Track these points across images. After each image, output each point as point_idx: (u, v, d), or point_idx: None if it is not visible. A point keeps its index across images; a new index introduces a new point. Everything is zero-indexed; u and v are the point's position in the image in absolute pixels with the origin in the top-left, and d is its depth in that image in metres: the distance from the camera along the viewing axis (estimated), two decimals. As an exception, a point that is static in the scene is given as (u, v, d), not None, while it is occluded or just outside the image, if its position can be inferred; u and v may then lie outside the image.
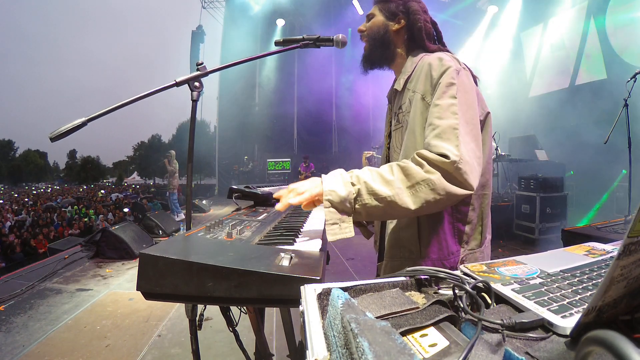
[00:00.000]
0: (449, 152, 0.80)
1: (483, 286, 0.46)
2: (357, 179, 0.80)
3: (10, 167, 53.08)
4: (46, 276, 3.77)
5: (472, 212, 0.99)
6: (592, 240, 0.73)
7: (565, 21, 7.44)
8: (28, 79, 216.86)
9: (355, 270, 3.88)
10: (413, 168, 0.81)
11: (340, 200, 0.77)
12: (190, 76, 0.91)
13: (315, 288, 0.44)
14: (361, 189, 0.79)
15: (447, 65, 0.92)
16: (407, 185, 0.79)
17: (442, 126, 0.85)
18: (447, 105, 0.87)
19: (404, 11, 1.08)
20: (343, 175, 0.81)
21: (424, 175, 0.79)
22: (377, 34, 1.11)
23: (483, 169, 0.96)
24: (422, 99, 0.94)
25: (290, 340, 1.42)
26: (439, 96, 0.89)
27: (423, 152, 0.83)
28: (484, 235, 1.02)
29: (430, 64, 0.95)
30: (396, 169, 0.82)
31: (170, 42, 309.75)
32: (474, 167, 0.82)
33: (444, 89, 0.89)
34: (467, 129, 0.86)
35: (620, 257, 0.30)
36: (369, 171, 0.82)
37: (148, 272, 0.56)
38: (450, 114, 0.86)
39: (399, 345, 0.28)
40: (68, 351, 2.30)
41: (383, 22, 1.11)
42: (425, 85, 0.94)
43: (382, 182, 0.80)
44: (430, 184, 0.78)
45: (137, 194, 19.38)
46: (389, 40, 1.10)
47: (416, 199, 0.78)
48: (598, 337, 0.20)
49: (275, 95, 13.72)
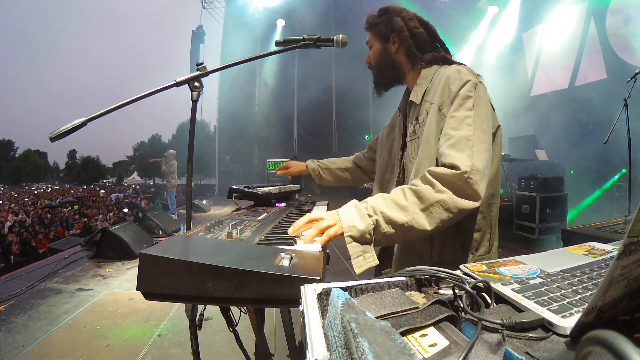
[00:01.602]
0: (460, 163, 0.82)
1: (483, 286, 0.46)
2: (374, 210, 0.80)
3: (10, 167, 53.06)
4: (46, 276, 3.77)
5: (482, 220, 1.01)
6: (592, 240, 0.73)
7: (565, 21, 7.43)
8: (28, 79, 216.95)
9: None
10: (424, 190, 0.82)
11: (361, 234, 0.78)
12: (190, 76, 0.91)
13: (315, 288, 0.44)
14: (379, 220, 0.80)
15: (465, 79, 0.94)
16: (421, 208, 0.81)
17: (456, 137, 0.87)
18: (463, 117, 0.90)
19: (392, 30, 1.10)
20: (359, 208, 0.81)
21: (436, 197, 0.81)
22: (380, 60, 1.14)
23: (492, 179, 1.00)
24: (439, 110, 0.97)
25: (290, 340, 1.42)
26: (456, 108, 0.92)
27: (433, 168, 0.85)
28: (492, 242, 1.05)
29: (449, 76, 0.97)
30: (409, 193, 0.83)
31: (170, 42, 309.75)
32: (484, 176, 0.84)
33: (461, 101, 0.92)
34: (482, 138, 0.88)
35: (620, 257, 0.30)
36: (382, 199, 0.83)
37: (148, 272, 0.56)
38: (465, 125, 0.88)
39: (399, 345, 0.28)
40: (68, 351, 2.30)
41: (381, 47, 1.13)
42: (442, 96, 0.97)
43: (397, 208, 0.81)
44: (443, 205, 0.81)
45: (137, 194, 19.38)
46: (393, 62, 1.13)
47: (431, 220, 0.81)
48: (598, 337, 0.20)
49: (275, 95, 13.73)
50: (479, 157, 0.84)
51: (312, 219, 0.80)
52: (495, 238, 1.06)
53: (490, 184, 1.00)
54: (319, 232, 0.77)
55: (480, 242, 1.02)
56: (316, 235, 0.76)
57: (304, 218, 0.81)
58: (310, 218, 0.80)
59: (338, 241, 0.79)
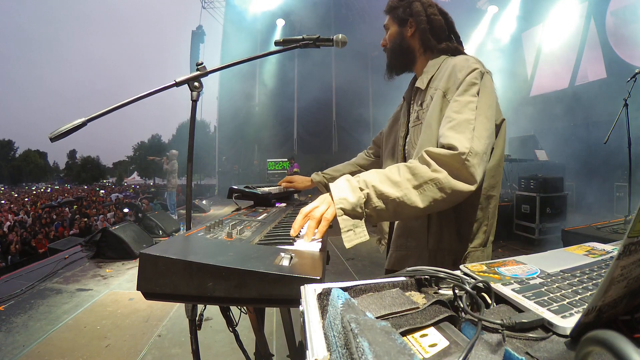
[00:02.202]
0: (459, 144, 0.81)
1: (483, 286, 0.46)
2: (365, 183, 0.80)
3: (10, 167, 53.06)
4: (46, 276, 3.77)
5: (480, 212, 1.01)
6: (592, 240, 0.73)
7: (565, 21, 7.43)
8: (28, 79, 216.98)
9: (355, 270, 3.88)
10: (420, 167, 0.81)
11: (352, 207, 0.77)
12: (190, 76, 0.91)
13: (315, 288, 0.44)
14: (370, 193, 0.79)
15: (472, 67, 0.94)
16: (415, 184, 0.80)
17: (458, 119, 0.87)
18: (467, 101, 0.89)
19: (411, 14, 1.10)
20: (350, 181, 0.81)
21: (431, 175, 0.80)
22: (395, 44, 1.14)
23: (494, 171, 1.00)
24: (444, 95, 0.96)
25: (290, 340, 1.42)
26: (460, 93, 0.91)
27: (430, 149, 0.84)
28: (487, 235, 1.04)
29: (456, 64, 0.97)
30: (403, 170, 0.82)
31: (170, 42, 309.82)
32: (482, 161, 0.83)
33: (466, 87, 0.91)
34: (485, 125, 0.87)
35: (621, 257, 0.30)
36: (375, 173, 0.82)
37: (148, 272, 0.56)
38: (468, 109, 0.88)
39: (399, 345, 0.28)
40: (68, 351, 2.30)
41: (397, 30, 1.13)
42: (448, 83, 0.97)
43: (390, 183, 0.80)
44: (437, 183, 0.79)
45: (137, 194, 19.38)
46: (407, 46, 1.13)
47: (424, 197, 0.79)
48: (598, 337, 0.20)
49: (275, 95, 13.72)
50: (479, 141, 0.83)
51: (306, 213, 0.79)
52: (491, 232, 1.06)
53: (491, 174, 0.99)
54: (317, 222, 0.76)
55: (476, 234, 1.01)
56: (315, 227, 0.75)
57: (299, 215, 0.79)
58: (305, 212, 0.79)
59: (338, 241, 0.79)
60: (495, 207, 1.05)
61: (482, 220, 1.02)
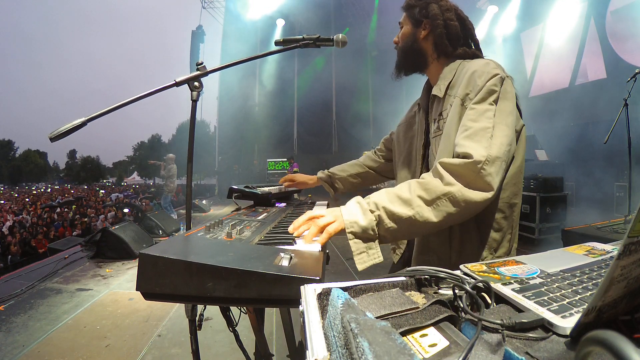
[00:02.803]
0: (474, 152, 0.79)
1: (483, 286, 0.46)
2: (376, 205, 0.79)
3: (10, 167, 53.05)
4: (46, 276, 3.77)
5: (504, 220, 0.98)
6: (592, 240, 0.73)
7: (565, 21, 7.43)
8: (28, 79, 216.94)
9: (355, 270, 3.88)
10: (432, 182, 0.80)
11: (362, 230, 0.76)
12: (190, 76, 0.91)
13: (315, 288, 0.44)
14: (381, 215, 0.78)
15: (493, 73, 0.90)
16: (427, 201, 0.78)
17: (474, 128, 0.84)
18: (484, 110, 0.86)
19: (426, 16, 1.07)
20: (361, 204, 0.80)
21: (444, 189, 0.78)
22: (406, 44, 1.10)
23: (515, 178, 0.97)
24: (462, 103, 0.93)
25: (290, 340, 1.42)
26: (478, 101, 0.88)
27: (444, 159, 0.82)
28: (512, 243, 1.01)
29: (476, 70, 0.93)
30: (414, 186, 0.81)
31: (170, 42, 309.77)
32: (501, 169, 0.81)
33: (484, 95, 0.88)
34: (504, 132, 0.84)
35: (621, 257, 0.30)
36: (385, 194, 0.81)
37: (148, 272, 0.56)
38: (485, 118, 0.85)
39: (399, 345, 0.28)
40: (68, 351, 2.30)
41: (411, 30, 1.10)
42: (466, 89, 0.93)
43: (400, 202, 0.79)
44: (451, 197, 0.78)
45: (137, 194, 19.37)
46: (419, 48, 1.09)
47: (438, 213, 0.78)
48: (598, 337, 0.20)
49: (275, 95, 13.71)
50: (497, 148, 0.80)
51: (312, 216, 0.78)
52: (515, 240, 1.02)
53: (513, 182, 0.96)
54: (318, 230, 0.75)
55: (501, 243, 0.98)
56: (316, 234, 0.74)
57: (304, 216, 0.79)
58: (311, 215, 0.78)
59: (338, 241, 0.78)
60: (518, 215, 1.02)
61: (506, 229, 0.98)
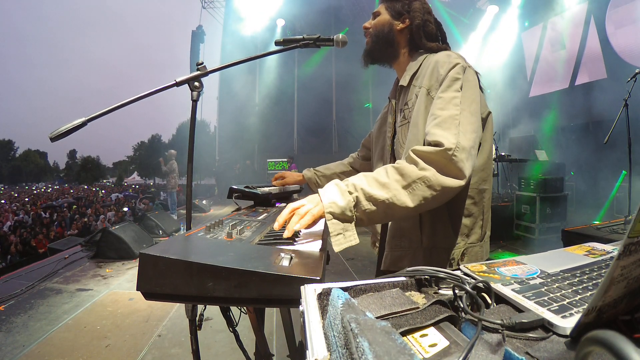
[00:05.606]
0: (445, 140, 0.82)
1: (483, 286, 0.46)
2: (354, 187, 0.80)
3: (10, 167, 53.08)
4: (46, 276, 3.77)
5: (473, 206, 1.01)
6: (592, 240, 0.73)
7: (565, 21, 7.43)
8: (28, 79, 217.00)
9: (355, 270, 3.88)
10: (407, 167, 0.82)
11: (341, 210, 0.77)
12: (190, 76, 0.91)
13: (315, 288, 0.44)
14: (359, 196, 0.79)
15: (454, 62, 0.94)
16: (403, 185, 0.80)
17: (442, 116, 0.87)
18: (450, 97, 0.90)
19: (408, 10, 1.10)
20: (339, 185, 0.81)
21: (419, 173, 0.80)
22: (381, 32, 1.12)
23: (484, 164, 1.00)
24: (428, 93, 0.97)
25: (290, 340, 1.42)
26: (444, 89, 0.92)
27: (417, 147, 0.85)
28: (484, 230, 1.04)
29: (438, 60, 0.98)
30: (391, 171, 0.83)
31: (170, 42, 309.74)
32: (470, 155, 0.84)
33: (449, 82, 0.92)
34: (470, 119, 0.87)
35: (621, 257, 0.30)
36: (364, 177, 0.83)
37: (148, 272, 0.56)
38: (452, 105, 0.88)
39: (399, 345, 0.28)
40: (68, 351, 2.30)
41: (388, 20, 1.12)
42: (431, 80, 0.97)
43: (378, 186, 0.80)
44: (426, 181, 0.80)
45: (137, 194, 19.37)
46: (393, 39, 1.12)
47: (414, 197, 0.80)
48: (598, 337, 0.20)
49: (275, 95, 13.71)
50: (465, 136, 0.84)
51: (293, 208, 0.79)
52: (487, 227, 1.06)
53: (481, 168, 1.00)
54: (300, 219, 0.75)
55: (472, 229, 1.01)
56: (298, 222, 0.75)
57: (286, 209, 0.79)
58: (292, 208, 0.79)
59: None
60: (489, 201, 1.05)
61: (477, 215, 1.02)
